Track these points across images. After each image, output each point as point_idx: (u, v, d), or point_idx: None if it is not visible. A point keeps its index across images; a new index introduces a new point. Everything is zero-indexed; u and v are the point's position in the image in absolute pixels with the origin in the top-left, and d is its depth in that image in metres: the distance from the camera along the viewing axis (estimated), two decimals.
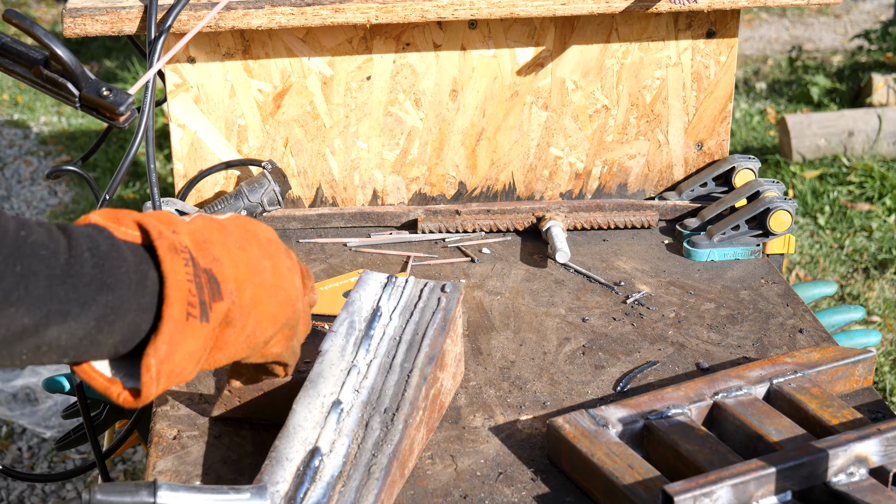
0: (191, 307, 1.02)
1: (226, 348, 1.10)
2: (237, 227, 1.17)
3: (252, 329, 1.12)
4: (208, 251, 1.07)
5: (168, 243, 1.03)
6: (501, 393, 1.50)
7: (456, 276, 1.81)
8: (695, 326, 1.66)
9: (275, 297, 1.15)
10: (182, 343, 1.02)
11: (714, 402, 1.38)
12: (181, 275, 1.02)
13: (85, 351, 0.99)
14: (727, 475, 1.18)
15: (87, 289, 0.95)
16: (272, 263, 1.16)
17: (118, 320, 0.98)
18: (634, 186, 2.03)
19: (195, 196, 1.93)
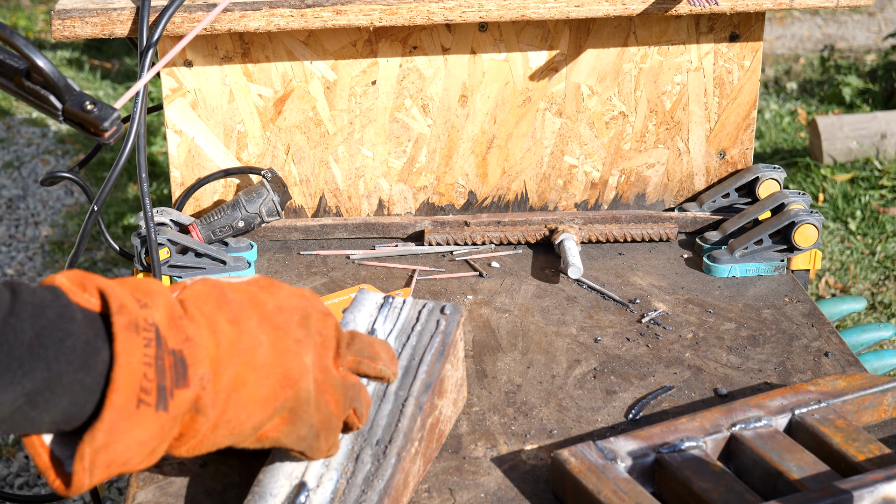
0: (144, 393, 0.93)
1: (200, 437, 1.01)
2: (240, 296, 1.08)
3: (233, 415, 1.03)
4: (182, 329, 0.98)
5: (128, 320, 0.94)
6: (506, 420, 1.42)
7: (463, 292, 1.73)
8: (713, 348, 1.58)
9: (267, 378, 1.05)
10: (127, 432, 0.93)
11: (731, 434, 1.30)
12: (136, 357, 0.94)
13: (19, 426, 0.91)
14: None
15: (19, 360, 0.88)
16: (272, 338, 1.07)
17: (55, 398, 0.90)
18: (653, 197, 1.95)
19: (193, 205, 1.86)
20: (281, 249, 1.86)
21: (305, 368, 1.08)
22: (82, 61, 7.19)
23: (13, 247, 4.86)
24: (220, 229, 1.76)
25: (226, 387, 1.01)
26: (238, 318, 1.04)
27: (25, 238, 4.94)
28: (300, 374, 1.08)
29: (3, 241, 4.90)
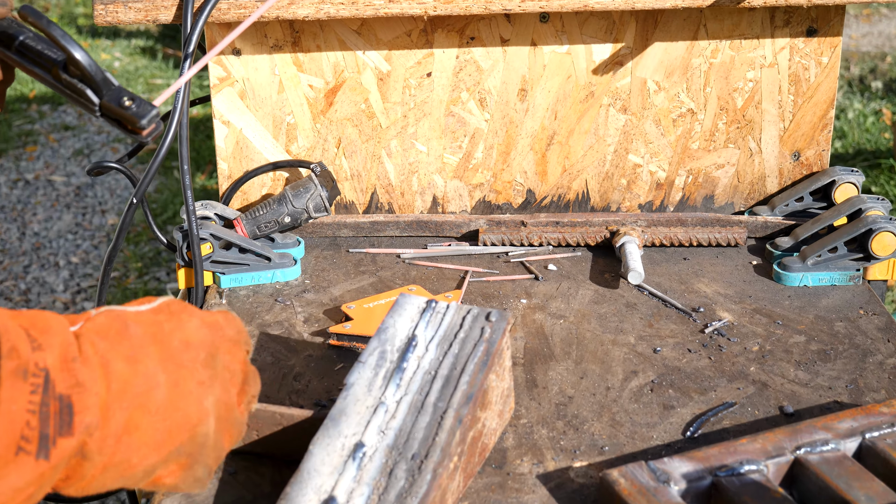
0: (24, 441, 0.89)
1: (88, 479, 0.97)
2: (144, 329, 1.03)
3: (124, 458, 0.98)
4: (73, 373, 0.94)
5: (16, 365, 0.90)
6: (555, 434, 1.35)
7: (517, 296, 1.66)
8: (780, 363, 1.49)
9: (164, 422, 1.01)
10: (3, 479, 0.89)
11: (795, 458, 1.21)
12: (19, 404, 0.89)
13: None
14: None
15: None
16: (173, 378, 1.02)
17: None
18: (722, 199, 1.86)
19: (240, 199, 1.81)
20: (329, 246, 1.80)
21: (205, 412, 1.05)
22: (156, 49, 7.22)
23: (79, 235, 4.87)
24: (265, 225, 1.71)
25: (115, 431, 0.97)
26: (136, 357, 1.00)
27: (91, 226, 4.95)
28: (199, 418, 1.04)
29: (69, 229, 4.91)
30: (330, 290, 1.68)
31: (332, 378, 1.46)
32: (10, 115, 6.18)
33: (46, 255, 4.70)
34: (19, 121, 6.12)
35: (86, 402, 0.94)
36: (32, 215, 5.06)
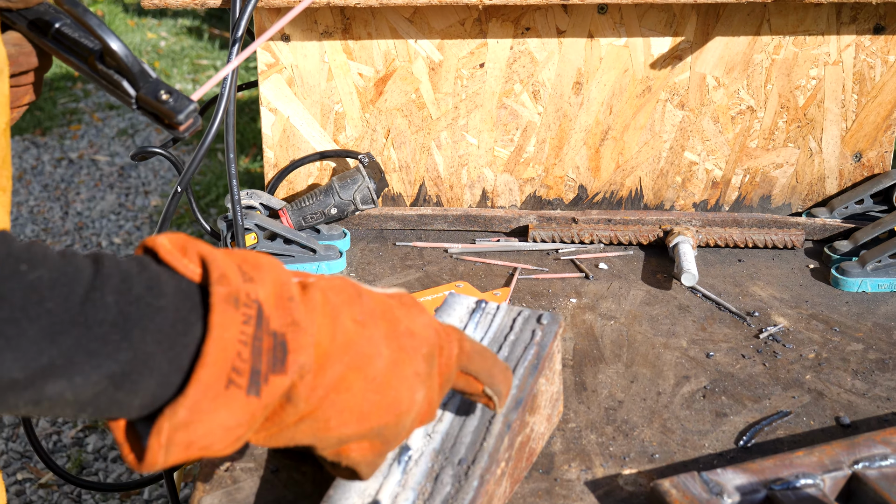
0: (235, 373, 0.85)
1: (281, 427, 0.93)
2: (375, 304, 0.99)
3: (324, 416, 0.94)
4: (289, 312, 0.90)
5: (227, 292, 0.86)
6: (604, 439, 1.33)
7: (566, 295, 1.63)
8: (837, 371, 1.46)
9: (376, 394, 0.96)
10: (212, 413, 0.85)
11: (853, 472, 1.18)
12: (232, 332, 0.85)
13: (105, 409, 0.83)
14: None
15: (100, 341, 0.80)
16: (395, 358, 0.97)
17: (142, 380, 0.83)
18: (779, 199, 1.83)
19: (286, 188, 1.79)
20: (376, 239, 1.79)
21: (413, 404, 0.99)
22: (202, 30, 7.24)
23: (122, 215, 4.89)
24: (311, 216, 1.69)
25: (327, 384, 0.92)
26: (365, 322, 0.96)
27: (134, 207, 4.97)
28: (408, 406, 0.99)
29: (112, 210, 4.94)
30: (375, 284, 1.66)
31: None
32: (54, 92, 6.22)
33: (89, 235, 4.72)
34: (64, 99, 6.15)
35: (301, 342, 0.89)
36: (76, 195, 5.09)
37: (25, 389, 0.78)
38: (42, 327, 0.78)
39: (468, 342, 1.05)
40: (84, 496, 3.29)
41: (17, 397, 0.79)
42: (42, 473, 3.39)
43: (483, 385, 1.08)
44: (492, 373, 1.08)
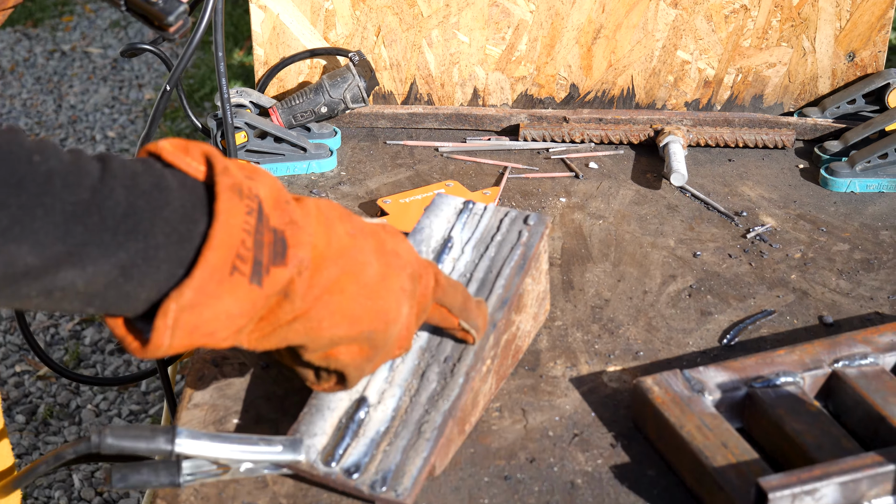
0: (240, 260, 0.88)
1: (276, 325, 0.95)
2: (363, 224, 1.03)
3: (318, 316, 0.96)
4: (287, 212, 0.93)
5: (232, 183, 0.89)
6: (589, 337, 1.35)
7: (556, 194, 1.65)
8: (822, 271, 1.48)
9: (367, 299, 0.99)
10: (217, 297, 0.87)
11: (833, 371, 1.21)
12: (236, 219, 0.88)
13: (113, 302, 0.86)
14: (835, 470, 1.03)
15: (111, 231, 0.83)
16: (383, 272, 1.01)
17: (150, 271, 0.86)
18: (771, 99, 1.84)
19: (276, 86, 1.80)
20: (367, 137, 1.80)
21: (400, 316, 1.02)
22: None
23: (115, 109, 4.88)
24: (301, 114, 1.70)
25: (322, 283, 0.95)
26: (356, 235, 0.99)
27: (128, 100, 4.96)
28: (395, 317, 1.02)
29: (105, 103, 4.92)
30: (366, 182, 1.68)
31: None
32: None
33: (83, 128, 4.72)
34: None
35: (300, 239, 0.92)
36: (69, 87, 5.07)
37: (39, 278, 0.81)
38: (56, 216, 0.80)
39: (443, 276, 1.08)
40: (82, 388, 3.34)
41: (29, 286, 0.82)
42: (40, 366, 3.43)
43: (458, 319, 1.11)
44: (466, 306, 1.11)
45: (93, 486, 3.02)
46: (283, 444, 1.08)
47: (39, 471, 1.06)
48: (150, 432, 1.04)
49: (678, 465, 1.14)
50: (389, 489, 1.07)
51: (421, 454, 1.09)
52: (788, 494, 1.01)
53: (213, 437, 1.05)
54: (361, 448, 1.10)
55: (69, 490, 3.01)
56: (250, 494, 1.11)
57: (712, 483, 1.08)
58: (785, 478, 1.02)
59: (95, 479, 3.04)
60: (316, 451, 1.10)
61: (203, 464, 1.08)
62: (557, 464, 1.16)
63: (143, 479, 1.07)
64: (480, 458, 1.16)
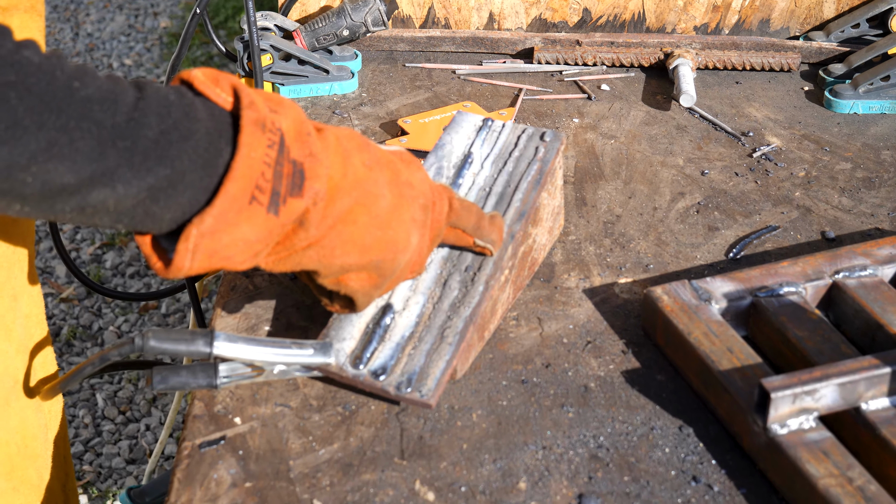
0: (258, 191, 0.92)
1: (290, 251, 1.00)
2: (381, 153, 1.06)
3: (330, 244, 1.01)
4: (307, 144, 0.97)
5: (256, 117, 0.93)
6: (602, 251, 1.40)
7: (569, 115, 1.69)
8: (825, 189, 1.52)
9: (378, 230, 1.04)
10: (235, 225, 0.92)
11: (833, 281, 1.26)
12: (258, 152, 0.92)
13: (140, 221, 0.91)
14: (834, 372, 1.08)
15: (143, 156, 0.88)
16: (395, 202, 1.05)
17: (176, 195, 0.90)
18: (778, 23, 1.86)
19: (299, 10, 1.83)
20: (386, 60, 1.83)
21: (409, 245, 1.07)
22: None
23: (132, 37, 4.89)
24: (324, 37, 1.73)
25: (336, 213, 0.99)
26: (372, 167, 1.03)
27: (144, 28, 4.97)
28: (404, 247, 1.07)
29: (122, 31, 4.94)
30: (386, 103, 1.72)
31: None
32: None
33: (100, 56, 4.74)
34: None
35: (317, 171, 0.96)
36: (85, 16, 5.08)
37: (73, 195, 0.86)
38: (93, 139, 0.85)
39: (457, 200, 1.13)
40: (104, 309, 3.40)
41: (64, 202, 0.86)
42: (63, 288, 3.49)
43: (472, 237, 1.16)
44: (479, 225, 1.16)
45: (115, 405, 3.09)
46: (314, 348, 1.13)
47: (85, 372, 1.10)
48: (189, 335, 1.08)
49: (686, 369, 1.19)
50: (414, 390, 1.12)
51: (444, 357, 1.13)
52: (790, 394, 1.06)
53: (248, 340, 1.10)
54: (387, 352, 1.15)
55: (93, 409, 3.08)
56: (282, 396, 1.16)
57: (718, 385, 1.13)
58: (786, 379, 1.07)
59: (118, 398, 3.11)
60: (345, 355, 1.15)
61: (238, 366, 1.13)
62: (571, 369, 1.21)
63: (183, 380, 1.12)
64: (499, 364, 1.21)
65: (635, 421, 1.14)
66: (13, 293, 1.11)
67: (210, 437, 1.12)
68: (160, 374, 1.11)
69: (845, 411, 1.09)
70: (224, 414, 1.14)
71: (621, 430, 1.13)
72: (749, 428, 1.09)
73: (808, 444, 1.05)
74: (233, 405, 1.15)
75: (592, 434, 1.12)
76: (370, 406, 1.15)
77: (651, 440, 1.12)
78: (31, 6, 1.05)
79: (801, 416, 1.07)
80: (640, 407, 1.16)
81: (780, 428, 1.06)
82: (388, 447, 1.11)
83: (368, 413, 1.14)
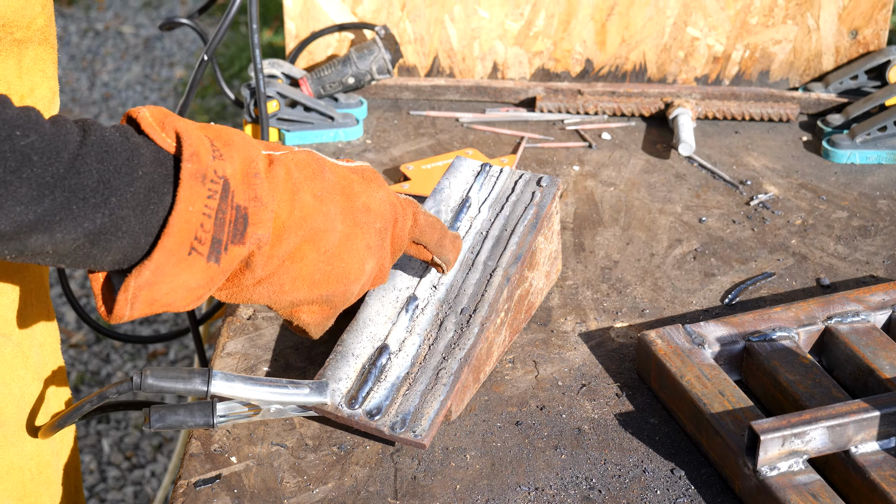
0: (197, 242, 0.94)
1: (241, 288, 1.02)
2: (337, 179, 1.08)
3: (279, 282, 1.04)
4: (253, 187, 0.97)
5: (196, 169, 0.93)
6: (598, 295, 1.41)
7: (570, 162, 1.71)
8: (821, 237, 1.53)
9: (326, 265, 1.06)
10: (174, 276, 0.94)
11: (826, 327, 1.27)
12: (196, 205, 0.93)
13: (81, 262, 0.92)
14: (824, 415, 1.08)
15: (82, 202, 0.88)
16: (347, 233, 1.07)
17: (115, 239, 0.91)
18: (777, 75, 1.88)
19: (306, 58, 1.86)
20: (391, 108, 1.86)
21: (362, 274, 1.10)
22: None
23: (147, 86, 4.94)
24: (329, 84, 1.76)
25: (282, 253, 1.01)
26: (323, 198, 1.04)
27: (160, 78, 5.02)
28: (356, 277, 1.09)
29: (137, 81, 4.99)
30: (390, 150, 1.74)
31: None
32: None
33: (115, 105, 4.78)
34: None
35: (260, 216, 0.97)
36: (102, 66, 5.14)
37: (11, 241, 0.87)
38: (30, 188, 0.85)
39: (422, 215, 1.15)
40: (112, 355, 3.41)
41: (2, 247, 0.87)
42: (72, 334, 3.51)
43: (433, 254, 1.19)
44: (441, 243, 1.18)
45: (121, 450, 3.09)
46: (310, 388, 1.14)
47: (84, 409, 1.11)
48: (187, 374, 1.10)
49: (678, 412, 1.20)
50: (408, 430, 1.13)
51: (438, 398, 1.14)
52: (779, 437, 1.06)
53: (245, 379, 1.11)
54: (383, 392, 1.16)
55: (98, 454, 3.08)
56: (279, 435, 1.17)
57: (710, 428, 1.14)
58: (776, 421, 1.07)
59: (124, 444, 3.11)
60: (340, 395, 1.16)
61: (235, 406, 1.14)
62: (566, 411, 1.22)
63: (180, 419, 1.13)
64: (494, 405, 1.22)
65: (628, 463, 1.15)
66: (29, 321, 1.13)
67: (206, 476, 1.13)
68: (158, 412, 1.12)
69: (835, 454, 1.09)
70: (220, 452, 1.15)
71: (614, 472, 1.14)
72: (740, 471, 1.09)
73: (797, 486, 1.05)
74: (229, 444, 1.16)
75: (585, 476, 1.13)
76: (365, 446, 1.16)
77: (643, 482, 1.12)
78: (45, 38, 1.07)
79: (790, 459, 1.07)
80: (632, 449, 1.17)
81: (770, 470, 1.07)
82: (382, 487, 1.11)
83: (363, 453, 1.15)
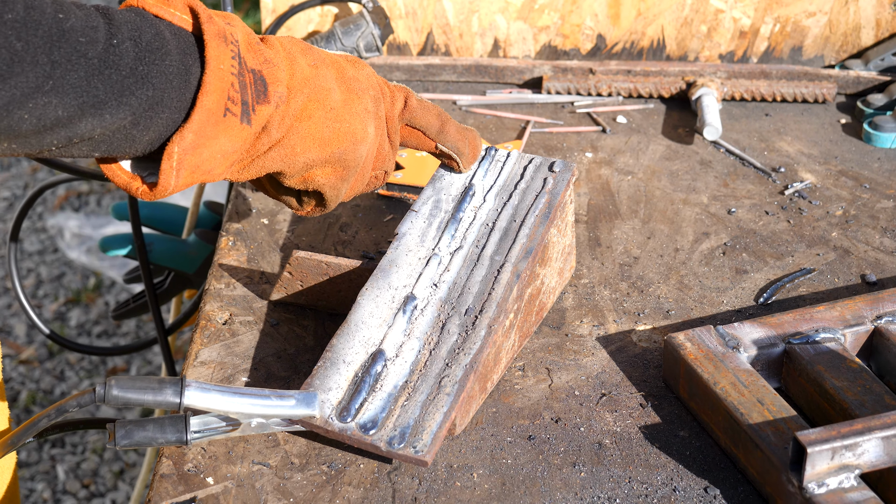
0: (231, 103, 1.02)
1: (255, 156, 1.09)
2: (325, 54, 1.17)
3: (291, 143, 1.11)
4: (260, 52, 1.07)
5: (218, 30, 1.02)
6: (618, 295, 1.39)
7: (581, 149, 1.69)
8: (865, 229, 1.52)
9: (334, 122, 1.14)
10: (214, 138, 1.02)
11: (875, 327, 1.25)
12: (225, 64, 1.01)
13: (118, 146, 0.99)
14: (878, 425, 1.06)
15: (125, 81, 0.95)
16: (345, 97, 1.15)
17: (155, 116, 0.99)
18: (811, 51, 1.87)
19: (284, 34, 1.83)
20: None
21: (367, 135, 1.17)
22: None
23: None
24: None
25: (292, 113, 1.09)
26: (317, 65, 1.14)
27: None
28: (362, 137, 1.17)
29: None
30: None
31: (380, 229, 1.50)
32: None
33: None
34: None
35: (276, 76, 1.07)
36: None
37: (64, 128, 0.93)
38: (81, 71, 0.92)
39: (415, 99, 1.24)
40: (67, 372, 3.39)
41: (54, 136, 0.94)
42: (22, 349, 3.47)
43: (435, 141, 1.26)
44: (443, 129, 1.26)
45: (78, 477, 3.06)
46: (297, 399, 1.12)
47: (40, 425, 1.09)
48: (157, 384, 1.08)
49: (712, 424, 1.17)
50: (407, 445, 1.10)
51: (441, 409, 1.12)
52: (828, 449, 1.04)
53: (223, 389, 1.09)
54: (378, 403, 1.13)
55: (53, 482, 3.05)
56: (260, 454, 1.15)
57: (748, 441, 1.11)
58: (824, 432, 1.05)
59: (81, 470, 3.08)
60: (330, 406, 1.14)
61: (211, 420, 1.12)
62: (584, 424, 1.20)
63: (149, 435, 1.11)
64: (503, 418, 1.20)
65: (655, 481, 1.13)
66: None
67: (179, 499, 1.11)
68: (124, 428, 1.10)
69: (891, 469, 1.07)
70: (195, 473, 1.13)
71: (640, 491, 1.12)
72: (783, 488, 1.07)
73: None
74: (205, 463, 1.14)
75: (607, 496, 1.11)
76: (359, 464, 1.14)
77: (673, 503, 1.10)
78: None
79: (840, 474, 1.05)
80: (660, 466, 1.15)
81: (818, 487, 1.05)
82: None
83: (357, 472, 1.13)
